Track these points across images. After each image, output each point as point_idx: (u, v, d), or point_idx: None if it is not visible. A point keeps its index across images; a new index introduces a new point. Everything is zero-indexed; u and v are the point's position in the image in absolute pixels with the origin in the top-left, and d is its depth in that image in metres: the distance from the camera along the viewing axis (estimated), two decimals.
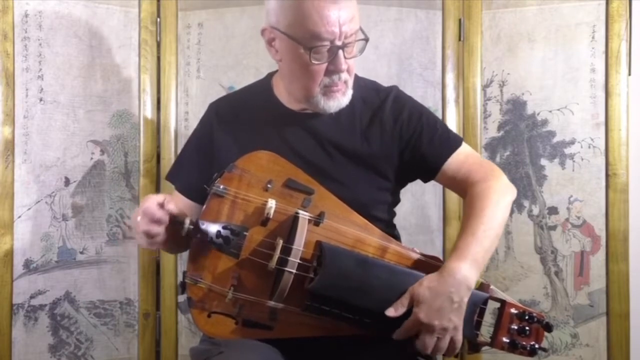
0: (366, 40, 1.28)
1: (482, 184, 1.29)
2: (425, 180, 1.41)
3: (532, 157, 1.87)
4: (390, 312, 1.16)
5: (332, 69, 1.26)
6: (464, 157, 1.35)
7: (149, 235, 1.18)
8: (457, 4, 1.87)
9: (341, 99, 1.31)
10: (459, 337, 1.18)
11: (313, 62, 1.24)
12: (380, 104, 1.36)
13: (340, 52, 1.24)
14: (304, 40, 1.23)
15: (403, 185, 1.44)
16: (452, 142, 1.36)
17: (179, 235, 1.17)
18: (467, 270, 1.17)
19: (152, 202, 1.17)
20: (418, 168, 1.37)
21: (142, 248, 1.86)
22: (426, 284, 1.16)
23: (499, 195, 1.28)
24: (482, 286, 1.23)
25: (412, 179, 1.43)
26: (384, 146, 1.34)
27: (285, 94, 1.37)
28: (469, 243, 1.20)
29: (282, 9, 1.25)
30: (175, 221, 1.18)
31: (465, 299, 1.17)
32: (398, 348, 1.22)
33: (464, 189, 1.32)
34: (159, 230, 1.18)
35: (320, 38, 1.22)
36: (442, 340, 1.17)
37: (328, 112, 1.31)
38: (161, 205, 1.17)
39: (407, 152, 1.35)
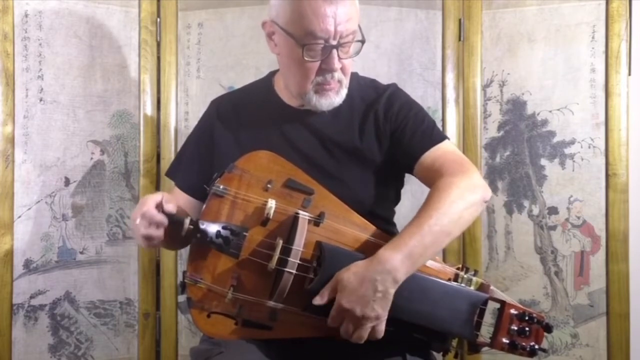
0: (362, 42, 1.28)
1: (448, 178, 1.22)
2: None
3: (532, 157, 1.87)
4: (317, 300, 1.14)
5: (325, 68, 1.26)
6: (441, 152, 1.30)
7: (149, 238, 1.19)
8: (457, 4, 1.87)
9: (334, 98, 1.30)
10: (381, 328, 1.15)
11: (306, 59, 1.24)
12: (376, 99, 1.36)
13: (334, 51, 1.24)
14: (298, 37, 1.24)
15: (400, 179, 1.43)
16: (434, 137, 1.33)
17: (178, 233, 1.17)
18: (398, 262, 1.12)
19: (150, 205, 1.16)
20: (400, 160, 1.34)
21: (142, 248, 1.86)
22: (353, 269, 1.14)
23: (460, 191, 1.20)
24: (482, 286, 1.23)
25: (399, 172, 1.40)
26: (378, 141, 1.34)
27: (285, 91, 1.38)
28: (410, 235, 1.15)
29: (282, 4, 1.26)
30: (175, 220, 1.18)
31: (391, 290, 1.12)
32: (397, 349, 1.22)
33: (433, 183, 1.25)
34: (159, 233, 1.18)
35: (314, 36, 1.23)
36: (362, 328, 1.14)
37: (320, 109, 1.31)
38: (159, 207, 1.17)
39: (393, 144, 1.34)
